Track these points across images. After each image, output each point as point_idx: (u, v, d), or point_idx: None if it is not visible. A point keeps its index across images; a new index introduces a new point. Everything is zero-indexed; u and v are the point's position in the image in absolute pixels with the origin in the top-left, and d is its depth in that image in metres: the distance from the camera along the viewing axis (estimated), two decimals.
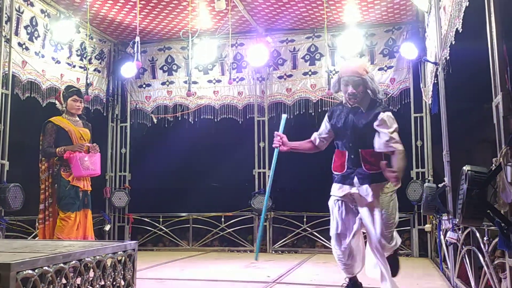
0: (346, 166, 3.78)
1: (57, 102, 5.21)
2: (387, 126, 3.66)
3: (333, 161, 3.93)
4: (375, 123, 3.69)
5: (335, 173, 3.88)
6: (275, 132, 4.05)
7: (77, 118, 5.18)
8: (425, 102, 6.96)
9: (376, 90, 3.79)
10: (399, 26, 7.46)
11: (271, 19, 7.41)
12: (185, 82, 7.86)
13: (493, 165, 2.69)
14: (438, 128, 5.47)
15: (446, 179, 4.88)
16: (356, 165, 3.74)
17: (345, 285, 3.92)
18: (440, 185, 5.12)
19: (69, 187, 4.93)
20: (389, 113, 3.76)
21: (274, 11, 7.09)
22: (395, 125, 3.72)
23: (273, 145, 4.01)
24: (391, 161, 3.62)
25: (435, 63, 5.20)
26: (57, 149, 4.89)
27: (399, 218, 7.44)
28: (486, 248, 3.32)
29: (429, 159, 7.16)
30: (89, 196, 5.13)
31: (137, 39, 4.65)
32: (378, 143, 3.67)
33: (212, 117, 8.11)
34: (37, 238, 5.31)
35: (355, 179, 3.71)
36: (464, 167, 2.76)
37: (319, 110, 7.63)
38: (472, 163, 2.98)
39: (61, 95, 5.14)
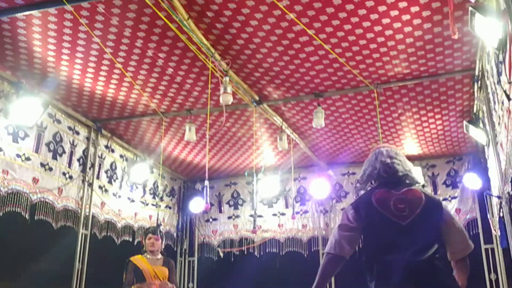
0: None
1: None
2: None
3: None
4: None
5: None
6: None
7: (159, 256, 5.46)
8: (495, 234, 6.79)
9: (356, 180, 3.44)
10: (459, 157, 7.57)
11: (332, 154, 7.72)
12: (251, 215, 8.15)
13: None
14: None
15: None
16: None
17: None
18: None
19: None
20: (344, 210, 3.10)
21: (334, 147, 7.42)
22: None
23: None
24: None
25: (498, 197, 5.19)
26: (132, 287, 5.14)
27: None
28: None
29: None
30: None
31: (206, 183, 5.02)
32: None
33: (277, 251, 8.21)
34: None
35: None
36: None
37: None
38: None
39: (142, 238, 5.53)
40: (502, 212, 5.14)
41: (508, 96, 3.49)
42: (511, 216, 4.91)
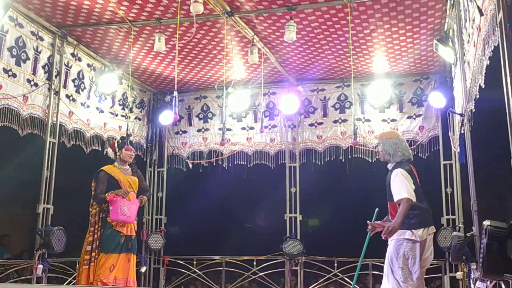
0: None
1: (110, 150, 5.47)
2: (393, 180, 4.51)
3: None
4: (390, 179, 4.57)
5: None
6: (369, 223, 4.62)
7: (127, 167, 5.44)
8: (454, 150, 6.97)
9: (388, 152, 4.68)
10: (427, 75, 7.59)
11: (302, 69, 7.64)
12: (220, 129, 8.16)
13: None
14: (467, 176, 5.47)
15: (474, 228, 4.87)
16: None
17: None
18: (468, 234, 5.11)
19: (111, 231, 5.13)
20: (398, 169, 4.54)
21: (304, 62, 7.33)
22: (398, 178, 4.47)
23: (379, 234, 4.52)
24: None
25: (461, 115, 5.26)
26: (106, 194, 5.15)
27: (431, 265, 7.37)
28: None
29: (460, 206, 7.10)
30: (133, 241, 5.28)
31: (175, 94, 4.93)
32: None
33: (245, 163, 8.28)
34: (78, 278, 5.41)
35: None
36: (484, 222, 2.82)
37: (349, 157, 7.73)
38: (505, 211, 3.04)
39: (115, 144, 5.43)
40: (463, 129, 5.23)
41: (480, 11, 3.42)
42: (471, 133, 5.01)
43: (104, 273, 5.03)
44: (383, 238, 4.39)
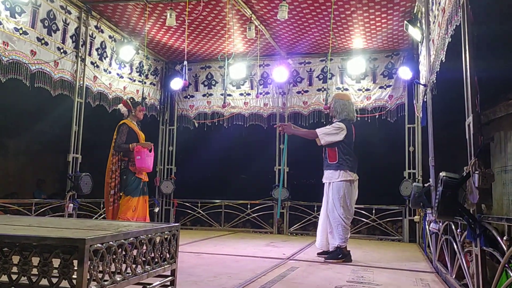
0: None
1: (123, 107, 5.27)
2: (332, 125, 4.85)
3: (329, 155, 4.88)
4: None
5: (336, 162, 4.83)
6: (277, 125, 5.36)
7: (137, 123, 5.36)
8: (417, 115, 6.95)
9: (336, 110, 4.90)
10: (397, 52, 7.48)
11: (292, 45, 7.50)
12: (222, 94, 8.07)
13: (464, 172, 2.75)
14: (427, 137, 5.46)
15: (431, 180, 4.90)
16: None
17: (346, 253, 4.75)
18: (426, 185, 5.14)
19: (134, 178, 5.11)
20: (337, 122, 4.86)
21: (294, 38, 7.19)
22: (335, 127, 4.79)
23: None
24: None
25: (425, 85, 5.21)
26: (130, 145, 5.03)
27: (394, 210, 7.46)
28: (459, 238, 3.36)
29: (419, 162, 7.13)
30: (146, 186, 5.31)
31: (185, 63, 4.83)
32: None
33: (242, 123, 8.24)
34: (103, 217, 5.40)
35: None
36: (440, 173, 2.82)
37: (329, 120, 7.64)
38: (456, 167, 3.05)
39: (128, 101, 5.28)
40: (426, 97, 5.19)
41: None
42: (432, 101, 4.98)
43: (128, 213, 5.04)
44: (279, 129, 5.15)
